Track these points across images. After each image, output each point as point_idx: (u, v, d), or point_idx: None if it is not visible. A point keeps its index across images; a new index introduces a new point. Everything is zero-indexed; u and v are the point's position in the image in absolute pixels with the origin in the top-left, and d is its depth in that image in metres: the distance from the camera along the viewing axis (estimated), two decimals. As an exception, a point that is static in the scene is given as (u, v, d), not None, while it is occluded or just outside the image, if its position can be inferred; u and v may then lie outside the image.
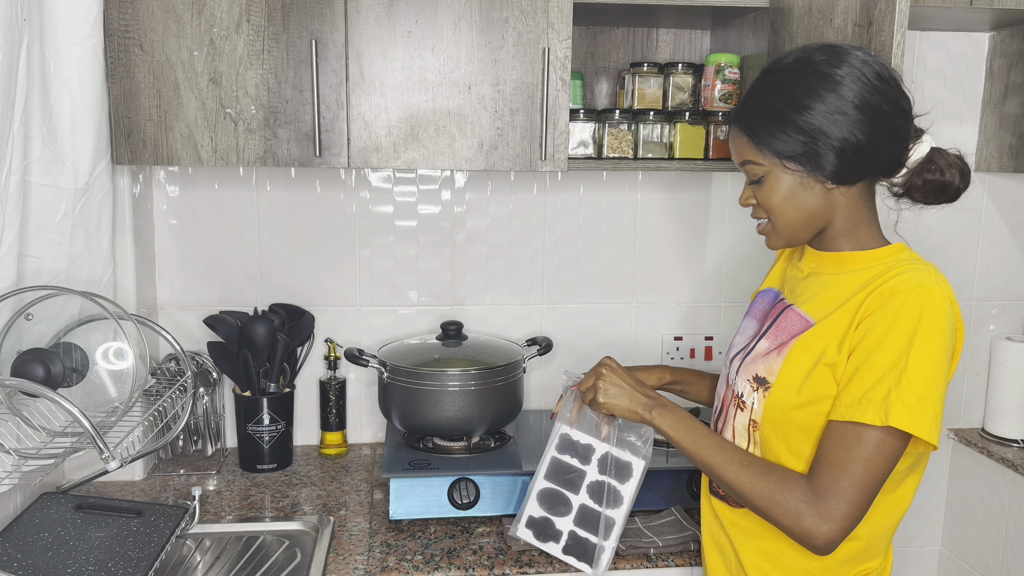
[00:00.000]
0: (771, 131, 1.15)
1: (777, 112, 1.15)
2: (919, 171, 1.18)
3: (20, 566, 1.29)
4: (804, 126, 1.13)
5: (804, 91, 1.14)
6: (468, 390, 1.72)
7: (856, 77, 1.12)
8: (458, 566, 1.47)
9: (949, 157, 1.18)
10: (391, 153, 1.63)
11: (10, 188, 1.32)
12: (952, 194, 1.19)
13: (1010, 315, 2.20)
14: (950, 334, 1.10)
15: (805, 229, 1.21)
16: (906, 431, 1.06)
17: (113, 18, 1.53)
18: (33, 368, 1.32)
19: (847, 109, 1.12)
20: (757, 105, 1.19)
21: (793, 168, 1.16)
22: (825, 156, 1.13)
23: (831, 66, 1.14)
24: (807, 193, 1.17)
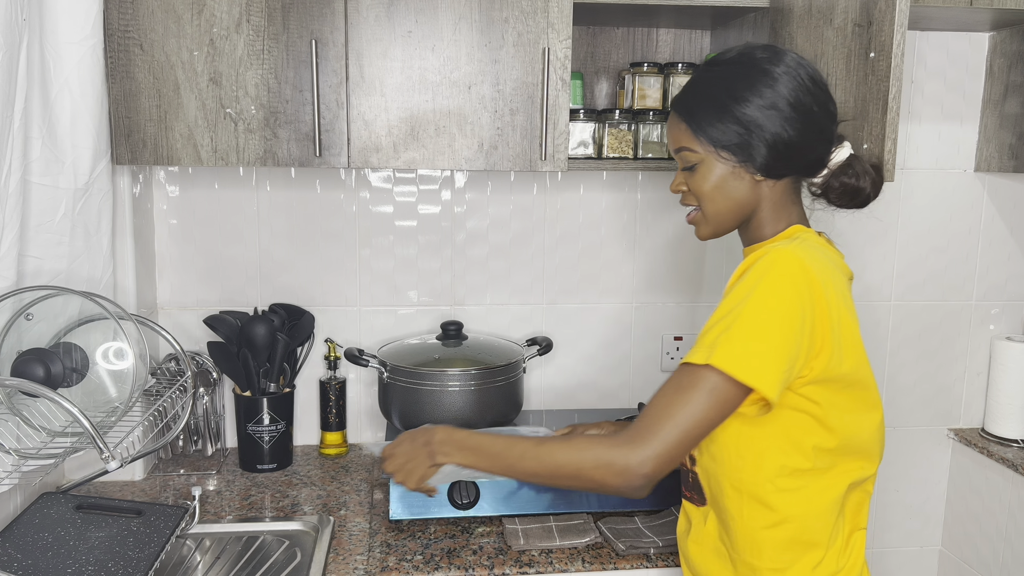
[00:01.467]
0: (710, 120, 1.20)
1: (717, 102, 1.19)
2: (837, 174, 1.23)
3: (20, 566, 1.29)
4: (741, 117, 1.17)
5: (744, 84, 1.18)
6: (468, 390, 1.72)
7: (792, 76, 1.18)
8: (458, 566, 1.47)
9: (864, 165, 1.24)
10: (391, 153, 1.63)
11: (10, 188, 1.32)
12: (862, 200, 1.25)
13: (1010, 315, 2.20)
14: (794, 293, 1.10)
15: (732, 218, 1.25)
16: (726, 372, 1.07)
17: (113, 18, 1.53)
18: (33, 368, 1.32)
19: (782, 105, 1.17)
20: (698, 94, 1.23)
21: (726, 157, 1.20)
22: (757, 148, 1.18)
23: (770, 63, 1.19)
24: (737, 183, 1.21)
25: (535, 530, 1.57)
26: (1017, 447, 2.07)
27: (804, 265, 1.11)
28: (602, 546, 1.54)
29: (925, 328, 2.17)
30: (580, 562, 1.49)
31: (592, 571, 1.48)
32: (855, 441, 1.20)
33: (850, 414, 1.18)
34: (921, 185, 2.11)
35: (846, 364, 1.15)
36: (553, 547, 1.52)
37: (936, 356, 2.19)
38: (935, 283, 2.16)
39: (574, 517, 1.62)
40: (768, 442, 1.18)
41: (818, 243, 1.22)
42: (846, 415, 1.18)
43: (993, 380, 2.14)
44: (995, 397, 2.13)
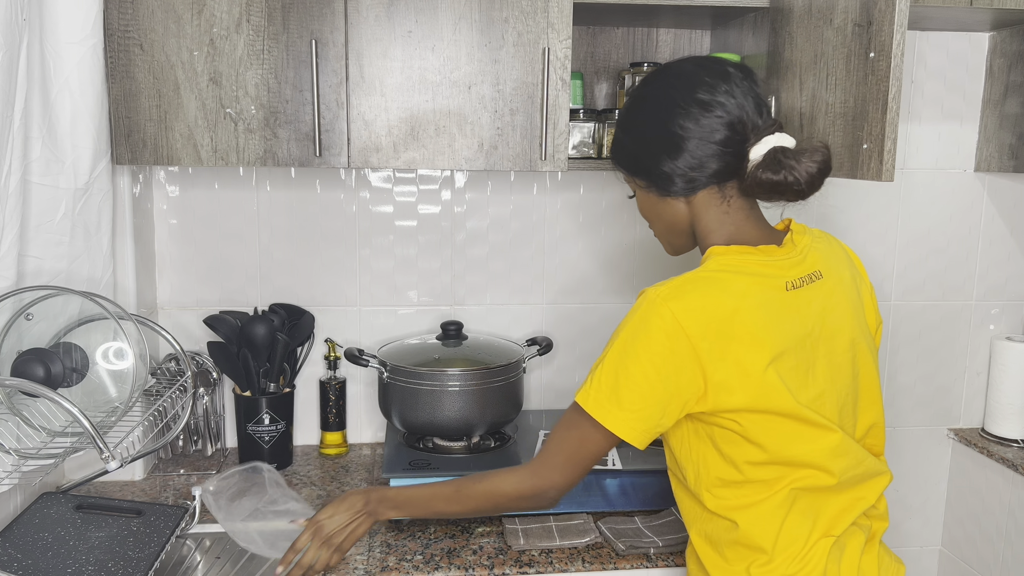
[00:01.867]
0: (617, 153, 1.30)
1: (618, 136, 1.30)
2: (754, 171, 1.17)
3: (20, 566, 1.29)
4: (628, 149, 1.26)
5: (625, 111, 1.28)
6: (468, 390, 1.72)
7: (655, 98, 1.22)
8: (458, 566, 1.47)
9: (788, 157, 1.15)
10: (391, 153, 1.63)
11: (10, 188, 1.32)
12: (792, 194, 1.16)
13: (1010, 315, 2.20)
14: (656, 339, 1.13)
15: (672, 236, 1.30)
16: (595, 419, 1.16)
17: (113, 18, 1.53)
18: (33, 368, 1.32)
19: (650, 130, 1.22)
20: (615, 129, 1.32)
21: (642, 185, 1.27)
22: (652, 174, 1.23)
23: (645, 87, 1.25)
24: (661, 205, 1.27)
25: (535, 530, 1.57)
26: (1017, 447, 2.07)
27: (672, 311, 1.12)
28: (602, 546, 1.54)
29: (925, 328, 2.18)
30: (580, 562, 1.49)
31: (592, 571, 1.48)
32: (794, 457, 1.18)
33: (782, 436, 1.16)
34: (921, 185, 2.11)
35: (739, 397, 1.13)
36: (553, 547, 1.53)
37: (936, 356, 2.19)
38: (935, 283, 2.16)
39: (574, 517, 1.62)
40: (704, 455, 1.20)
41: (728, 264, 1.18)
42: (776, 436, 1.16)
43: (993, 380, 2.14)
44: (995, 397, 2.13)
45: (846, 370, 1.24)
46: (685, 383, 1.13)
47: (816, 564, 1.19)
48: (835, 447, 1.19)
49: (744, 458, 1.17)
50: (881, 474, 1.28)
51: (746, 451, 1.16)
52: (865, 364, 1.27)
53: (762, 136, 1.18)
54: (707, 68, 1.20)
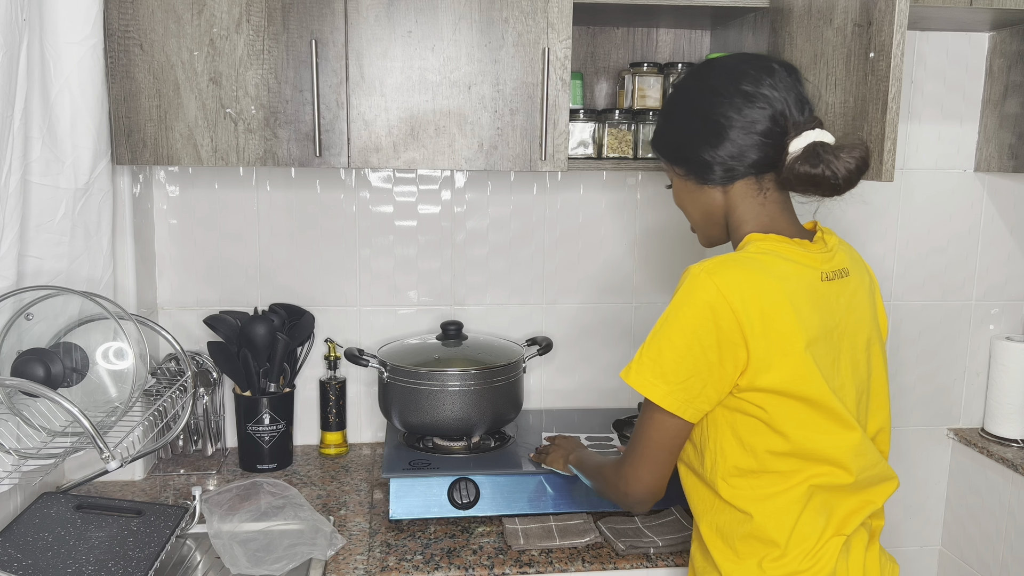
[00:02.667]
0: (659, 141, 1.32)
1: (659, 125, 1.33)
2: (792, 164, 1.20)
3: (20, 566, 1.29)
4: (670, 138, 1.29)
5: (669, 101, 1.31)
6: (468, 390, 1.72)
7: (700, 89, 1.25)
8: (458, 566, 1.47)
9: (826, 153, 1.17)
10: (391, 153, 1.63)
11: (10, 188, 1.32)
12: (829, 188, 1.19)
13: (1010, 315, 2.20)
14: (700, 311, 1.15)
15: (707, 226, 1.31)
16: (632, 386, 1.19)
17: (113, 18, 1.53)
18: (33, 368, 1.32)
19: (694, 119, 1.24)
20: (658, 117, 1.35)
21: (679, 172, 1.29)
22: (694, 163, 1.25)
23: (691, 80, 1.27)
24: (695, 194, 1.29)
25: (535, 530, 1.57)
26: (1017, 447, 2.07)
27: (715, 283, 1.14)
28: (602, 546, 1.54)
29: (925, 328, 2.17)
30: (580, 562, 1.49)
31: (592, 571, 1.48)
32: (816, 451, 1.19)
33: (807, 427, 1.17)
34: (921, 185, 2.11)
35: (774, 376, 1.14)
36: (553, 547, 1.53)
37: (936, 356, 2.19)
38: (935, 283, 2.16)
39: (574, 517, 1.62)
40: (722, 442, 1.21)
41: (768, 248, 1.20)
42: (802, 426, 1.17)
43: (993, 380, 2.14)
44: (995, 397, 2.13)
45: (863, 369, 1.26)
46: (728, 355, 1.14)
47: (827, 562, 1.20)
48: (856, 445, 1.20)
49: (765, 447, 1.18)
50: (891, 479, 1.29)
51: (768, 440, 1.17)
52: (877, 367, 1.29)
53: (802, 131, 1.20)
54: (752, 62, 1.23)
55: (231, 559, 1.44)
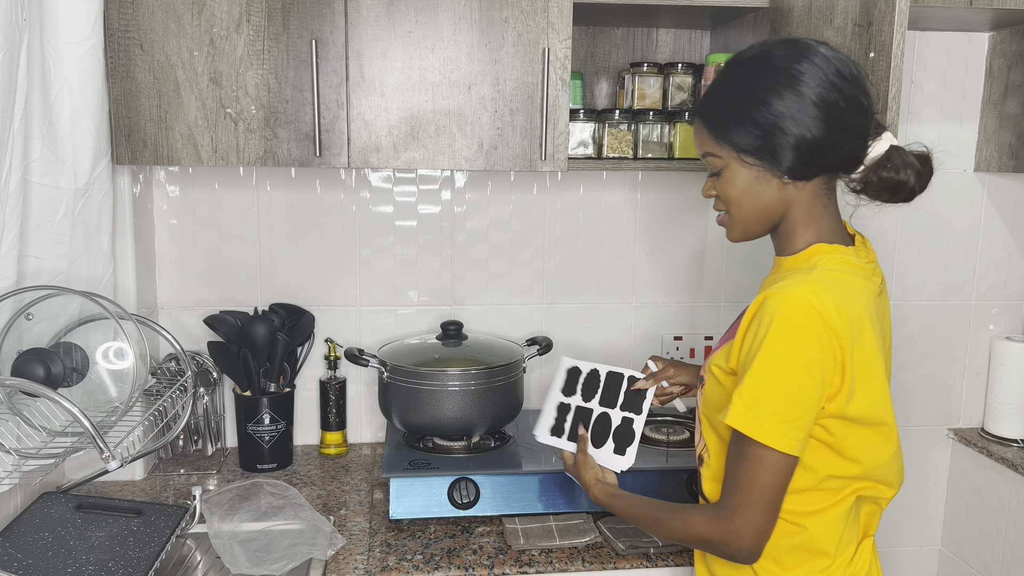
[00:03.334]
0: (729, 125, 1.16)
1: (735, 106, 1.16)
2: (875, 168, 1.17)
3: (20, 566, 1.29)
4: (761, 121, 1.13)
5: (762, 86, 1.14)
6: (468, 390, 1.72)
7: (814, 74, 1.12)
8: (458, 566, 1.47)
9: (907, 157, 1.17)
10: (391, 153, 1.63)
11: (10, 188, 1.32)
12: (907, 194, 1.18)
13: (1010, 315, 2.20)
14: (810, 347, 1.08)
15: (760, 222, 1.21)
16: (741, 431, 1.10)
17: (113, 18, 1.53)
18: (33, 368, 1.32)
19: (805, 106, 1.11)
20: (717, 99, 1.19)
21: (750, 162, 1.16)
22: (781, 152, 1.13)
23: (790, 61, 1.13)
24: (763, 187, 1.17)
25: (535, 530, 1.57)
26: (1017, 447, 2.07)
27: (816, 308, 1.08)
28: (602, 546, 1.54)
29: (925, 328, 2.17)
30: (580, 562, 1.49)
31: (592, 571, 1.48)
32: (873, 470, 1.19)
33: (875, 452, 1.17)
34: (921, 185, 2.11)
35: (857, 403, 1.12)
36: (553, 547, 1.53)
37: (936, 356, 2.19)
38: (935, 283, 2.16)
39: (574, 517, 1.62)
40: None
41: (840, 264, 1.16)
42: (871, 452, 1.17)
43: (993, 380, 2.14)
44: (995, 397, 2.13)
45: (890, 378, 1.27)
46: (828, 383, 1.10)
47: (863, 564, 1.22)
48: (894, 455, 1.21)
49: (829, 471, 1.16)
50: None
51: (835, 464, 1.16)
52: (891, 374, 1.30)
53: (880, 132, 1.18)
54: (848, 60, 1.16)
55: (231, 559, 1.44)
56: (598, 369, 1.56)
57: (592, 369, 1.56)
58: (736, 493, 1.13)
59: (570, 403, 1.53)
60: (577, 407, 1.52)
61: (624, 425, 1.48)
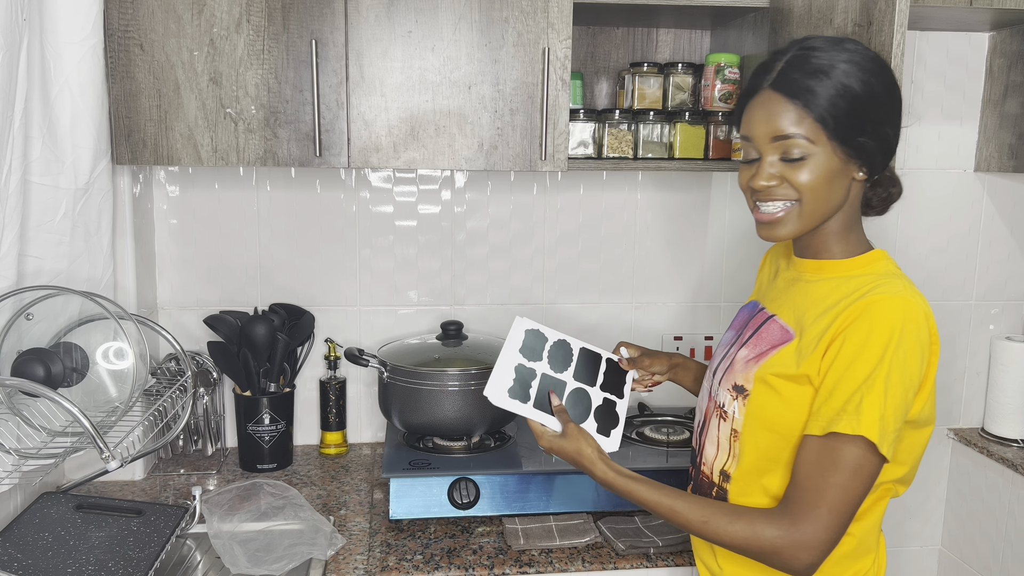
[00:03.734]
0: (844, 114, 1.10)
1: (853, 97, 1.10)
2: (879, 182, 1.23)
3: (20, 566, 1.29)
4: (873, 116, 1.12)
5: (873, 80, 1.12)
6: (468, 390, 1.72)
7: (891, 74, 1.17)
8: (458, 566, 1.47)
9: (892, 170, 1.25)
10: (391, 153, 1.63)
11: (10, 188, 1.32)
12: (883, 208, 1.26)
13: (1010, 315, 2.20)
14: (922, 348, 1.09)
15: (824, 216, 1.17)
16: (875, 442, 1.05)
17: (113, 18, 1.53)
18: (33, 368, 1.32)
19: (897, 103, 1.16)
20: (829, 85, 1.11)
21: (842, 154, 1.12)
22: (872, 147, 1.13)
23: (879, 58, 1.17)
24: (841, 181, 1.14)
25: (535, 530, 1.57)
26: (1017, 447, 2.07)
27: (928, 314, 1.09)
28: (602, 546, 1.54)
29: (925, 328, 2.17)
30: (580, 562, 1.49)
31: (592, 571, 1.48)
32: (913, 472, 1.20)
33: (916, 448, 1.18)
34: (921, 185, 2.11)
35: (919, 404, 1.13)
36: (553, 547, 1.53)
37: (936, 356, 2.19)
38: (935, 283, 2.16)
39: (574, 517, 1.62)
40: None
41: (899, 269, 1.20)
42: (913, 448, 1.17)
43: (993, 380, 2.14)
44: (995, 397, 2.13)
45: None
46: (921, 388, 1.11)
47: (883, 556, 1.24)
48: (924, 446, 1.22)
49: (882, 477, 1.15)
50: None
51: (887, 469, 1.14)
52: None
53: None
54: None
55: (231, 559, 1.44)
56: (567, 341, 1.43)
57: (560, 339, 1.43)
58: (823, 503, 1.06)
59: (534, 368, 1.37)
60: (543, 374, 1.37)
61: (606, 406, 1.39)
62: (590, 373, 1.42)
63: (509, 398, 1.32)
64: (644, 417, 1.98)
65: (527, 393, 1.34)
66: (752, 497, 1.21)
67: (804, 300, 1.19)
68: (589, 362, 1.44)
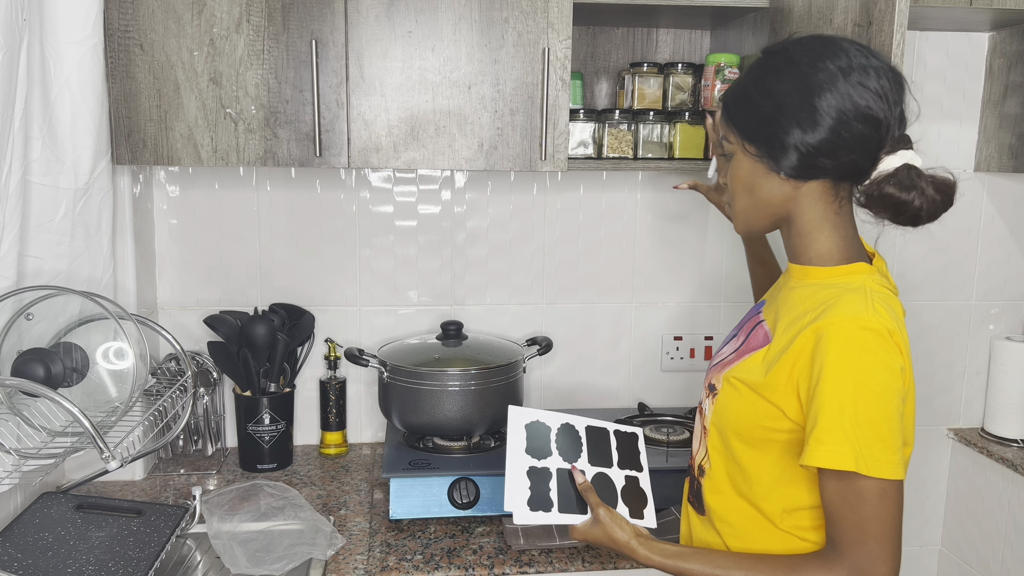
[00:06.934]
0: (739, 111, 1.16)
1: (747, 94, 1.15)
2: (880, 182, 1.12)
3: (20, 566, 1.29)
4: (763, 112, 1.12)
5: (773, 78, 1.12)
6: (468, 390, 1.72)
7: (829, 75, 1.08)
8: (458, 566, 1.47)
9: (919, 179, 1.13)
10: (391, 153, 1.63)
11: (10, 188, 1.32)
12: (910, 216, 1.14)
13: (1010, 315, 2.20)
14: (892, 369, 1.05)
15: (760, 217, 1.19)
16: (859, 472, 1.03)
17: (113, 18, 1.53)
18: (33, 368, 1.32)
19: (806, 105, 1.08)
20: (738, 85, 1.18)
21: (753, 152, 1.14)
22: (781, 147, 1.11)
23: (810, 59, 1.10)
24: (763, 180, 1.15)
25: (535, 530, 1.57)
26: (1017, 447, 2.07)
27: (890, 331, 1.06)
28: (602, 546, 1.54)
29: (925, 328, 2.17)
30: (580, 562, 1.49)
31: (592, 571, 1.49)
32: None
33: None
34: (921, 185, 2.11)
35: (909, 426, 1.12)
36: (553, 547, 1.53)
37: (936, 356, 2.19)
38: (935, 283, 2.16)
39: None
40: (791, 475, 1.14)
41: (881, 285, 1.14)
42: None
43: (993, 380, 2.14)
44: (995, 397, 2.13)
45: None
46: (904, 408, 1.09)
47: None
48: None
49: None
50: None
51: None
52: None
53: (897, 149, 1.13)
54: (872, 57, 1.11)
55: (231, 559, 1.44)
56: (571, 424, 1.36)
57: (563, 423, 1.35)
58: (871, 539, 1.06)
59: (547, 467, 1.28)
60: (559, 470, 1.28)
61: (630, 485, 1.32)
62: (603, 452, 1.34)
63: (531, 512, 1.22)
64: (644, 417, 1.98)
65: (548, 499, 1.24)
66: (723, 496, 1.22)
67: (784, 305, 1.19)
68: (599, 439, 1.36)
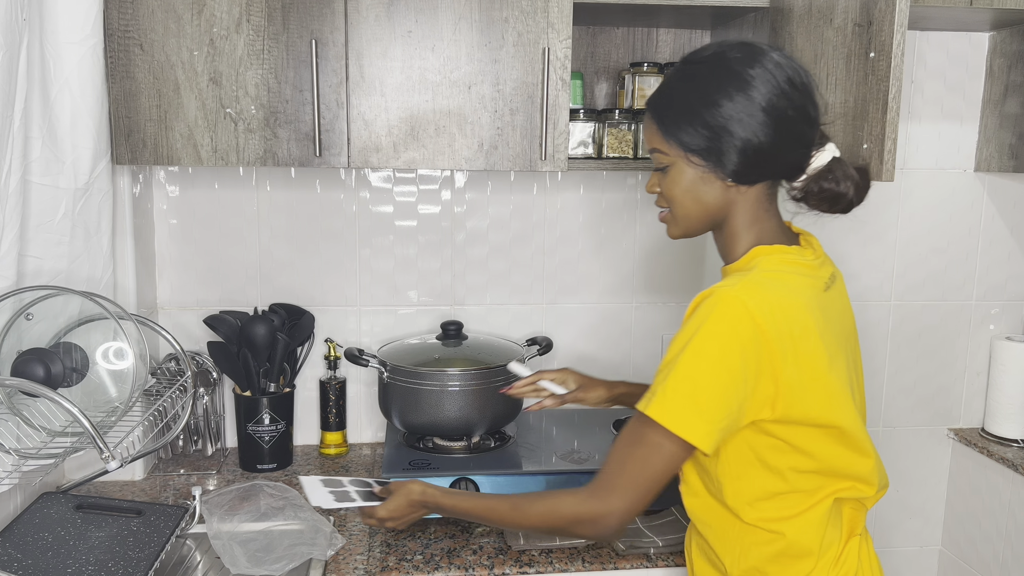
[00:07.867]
0: (679, 123, 1.16)
1: (686, 105, 1.16)
2: (817, 178, 1.18)
3: (20, 566, 1.29)
4: (710, 122, 1.14)
5: (714, 87, 1.14)
6: (468, 390, 1.72)
7: (766, 79, 1.12)
8: (458, 566, 1.47)
9: (847, 169, 1.19)
10: (391, 153, 1.63)
11: (10, 188, 1.32)
12: (844, 205, 1.20)
13: (1010, 315, 2.20)
14: (734, 341, 1.08)
15: (701, 222, 1.22)
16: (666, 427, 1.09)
17: (113, 18, 1.53)
18: (33, 368, 1.32)
19: (753, 111, 1.12)
20: (669, 96, 1.19)
21: (696, 162, 1.17)
22: (727, 154, 1.14)
23: (743, 65, 1.14)
24: (707, 188, 1.18)
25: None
26: (1017, 447, 2.07)
27: (748, 310, 1.07)
28: (602, 546, 1.54)
29: (925, 328, 2.17)
30: (580, 562, 1.49)
31: (592, 571, 1.49)
32: (840, 469, 1.18)
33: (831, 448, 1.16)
34: (921, 185, 2.11)
35: (806, 407, 1.11)
36: (553, 547, 1.53)
37: (936, 356, 2.19)
38: (935, 283, 2.16)
39: (574, 517, 1.62)
40: (747, 468, 1.17)
41: (781, 264, 1.16)
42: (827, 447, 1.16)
43: (993, 380, 2.14)
44: (995, 397, 2.13)
45: (858, 373, 1.26)
46: (760, 385, 1.10)
47: (850, 565, 1.21)
48: (874, 467, 1.20)
49: (790, 465, 1.15)
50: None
51: (793, 459, 1.15)
52: (861, 368, 1.30)
53: (824, 144, 1.19)
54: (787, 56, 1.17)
55: (231, 559, 1.44)
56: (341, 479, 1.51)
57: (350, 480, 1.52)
58: (622, 475, 1.14)
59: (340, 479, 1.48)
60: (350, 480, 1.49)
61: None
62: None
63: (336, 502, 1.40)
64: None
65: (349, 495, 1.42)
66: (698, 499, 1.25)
67: None
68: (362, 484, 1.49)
